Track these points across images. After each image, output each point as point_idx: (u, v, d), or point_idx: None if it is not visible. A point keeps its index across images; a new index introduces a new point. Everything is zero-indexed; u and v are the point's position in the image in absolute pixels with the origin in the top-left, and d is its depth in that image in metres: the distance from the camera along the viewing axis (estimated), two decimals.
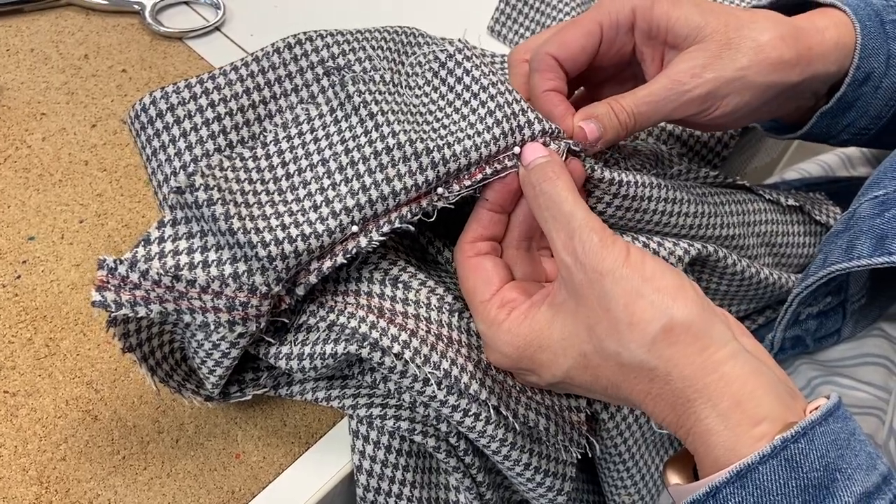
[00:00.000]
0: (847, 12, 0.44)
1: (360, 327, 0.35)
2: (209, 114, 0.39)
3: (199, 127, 0.38)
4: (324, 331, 0.36)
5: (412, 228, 0.36)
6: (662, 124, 0.53)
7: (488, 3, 0.63)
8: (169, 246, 0.35)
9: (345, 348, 0.34)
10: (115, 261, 0.32)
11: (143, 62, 0.56)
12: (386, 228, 0.36)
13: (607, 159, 0.44)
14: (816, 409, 0.29)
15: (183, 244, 0.35)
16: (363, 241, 0.35)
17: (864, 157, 0.68)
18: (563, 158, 0.38)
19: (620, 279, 0.32)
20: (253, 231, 0.34)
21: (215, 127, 0.39)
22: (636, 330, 0.31)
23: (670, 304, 0.31)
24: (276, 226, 0.35)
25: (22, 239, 0.45)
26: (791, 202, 0.51)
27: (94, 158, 0.49)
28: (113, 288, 0.32)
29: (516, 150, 0.37)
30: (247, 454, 0.39)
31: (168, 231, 0.35)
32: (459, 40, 0.42)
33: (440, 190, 0.37)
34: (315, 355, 0.35)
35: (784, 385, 0.31)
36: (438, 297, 0.39)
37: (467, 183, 0.37)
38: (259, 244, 0.34)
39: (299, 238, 0.34)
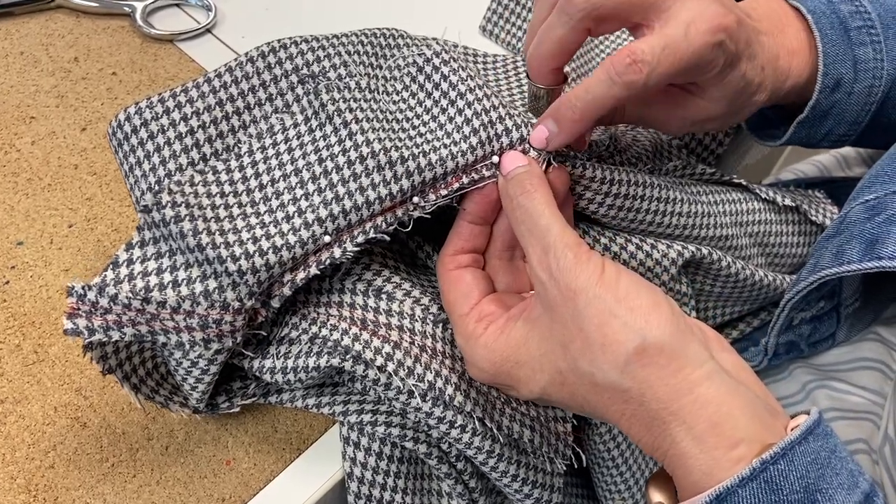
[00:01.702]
0: (809, 21, 0.44)
1: (342, 340, 0.34)
2: (182, 127, 0.38)
3: (171, 141, 0.38)
4: (306, 343, 0.36)
5: (387, 238, 0.36)
6: None
7: (477, 2, 0.63)
8: (138, 268, 0.34)
9: (328, 361, 0.34)
10: (83, 287, 0.32)
11: (133, 65, 0.56)
12: (360, 238, 0.35)
13: (601, 153, 0.44)
14: (797, 427, 0.29)
15: (152, 265, 0.35)
16: (336, 252, 0.35)
17: (859, 158, 0.68)
18: (545, 165, 0.37)
19: (594, 298, 0.31)
20: (222, 246, 0.34)
21: (188, 140, 0.38)
22: (609, 351, 0.31)
23: (643, 325, 0.31)
24: (247, 239, 0.34)
25: (10, 244, 0.44)
26: (788, 202, 0.51)
27: (83, 162, 0.49)
28: (84, 314, 0.32)
29: (494, 159, 0.37)
30: (237, 461, 0.38)
31: (136, 252, 0.35)
32: (438, 41, 0.41)
33: (416, 199, 0.36)
34: (299, 369, 0.35)
35: (764, 403, 0.31)
36: (423, 307, 0.38)
37: (443, 192, 0.36)
38: (229, 259, 0.33)
39: (270, 251, 0.34)
